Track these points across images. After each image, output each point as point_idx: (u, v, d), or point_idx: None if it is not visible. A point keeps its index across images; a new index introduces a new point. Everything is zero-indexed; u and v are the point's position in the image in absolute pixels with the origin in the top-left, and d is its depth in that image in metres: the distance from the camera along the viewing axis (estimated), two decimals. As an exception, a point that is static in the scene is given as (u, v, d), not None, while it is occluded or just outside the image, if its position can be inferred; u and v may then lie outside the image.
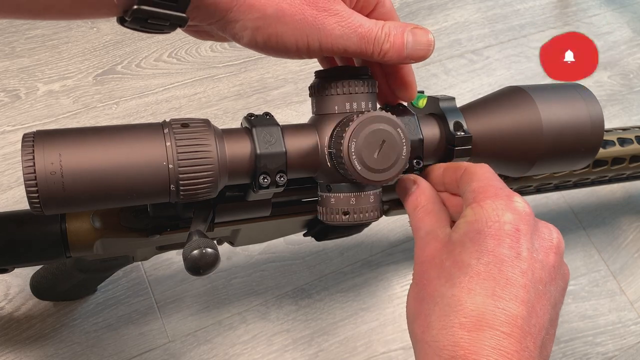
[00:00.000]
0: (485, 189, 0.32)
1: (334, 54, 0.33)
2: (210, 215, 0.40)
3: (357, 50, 0.33)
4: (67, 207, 0.31)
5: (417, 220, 0.35)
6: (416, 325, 0.31)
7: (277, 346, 0.67)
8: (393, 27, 0.33)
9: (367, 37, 0.32)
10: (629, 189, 0.89)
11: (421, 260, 0.32)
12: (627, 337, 0.77)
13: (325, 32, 0.32)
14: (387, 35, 0.33)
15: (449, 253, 0.31)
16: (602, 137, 0.41)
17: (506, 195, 0.32)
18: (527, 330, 0.27)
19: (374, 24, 0.33)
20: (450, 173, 0.36)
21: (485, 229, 0.30)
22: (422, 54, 0.34)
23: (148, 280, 0.67)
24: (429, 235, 0.33)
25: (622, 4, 1.09)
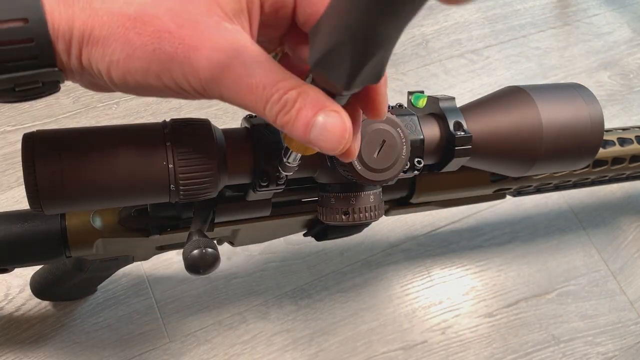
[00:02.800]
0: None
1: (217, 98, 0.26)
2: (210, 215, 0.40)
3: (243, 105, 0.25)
4: (67, 206, 0.31)
5: None
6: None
7: (277, 346, 0.67)
8: (305, 99, 0.24)
9: (256, 94, 0.24)
10: (629, 189, 0.89)
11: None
12: (627, 337, 0.77)
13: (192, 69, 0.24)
14: (289, 105, 0.24)
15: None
16: (602, 137, 0.41)
17: None
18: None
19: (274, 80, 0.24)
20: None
21: None
22: (328, 147, 0.24)
23: (148, 280, 0.67)
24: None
25: (622, 4, 1.09)
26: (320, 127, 0.24)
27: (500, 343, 0.73)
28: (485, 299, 0.75)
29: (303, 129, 0.24)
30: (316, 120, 0.24)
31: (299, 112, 0.24)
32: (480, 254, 0.78)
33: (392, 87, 0.89)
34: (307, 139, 0.24)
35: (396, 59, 0.91)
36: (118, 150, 0.30)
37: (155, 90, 0.26)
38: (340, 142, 0.24)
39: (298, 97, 0.24)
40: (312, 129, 0.24)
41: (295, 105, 0.24)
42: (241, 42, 0.25)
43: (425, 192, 0.46)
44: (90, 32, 0.24)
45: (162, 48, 0.24)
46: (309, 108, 0.24)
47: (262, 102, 0.24)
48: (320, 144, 0.24)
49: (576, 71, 0.98)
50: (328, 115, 0.24)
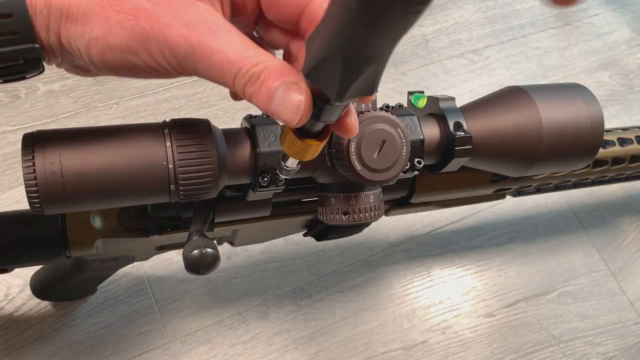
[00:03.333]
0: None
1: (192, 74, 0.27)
2: (210, 215, 0.40)
3: (215, 79, 0.27)
4: (67, 206, 0.31)
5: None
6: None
7: (277, 346, 0.67)
8: (269, 72, 0.25)
9: (226, 68, 0.26)
10: (629, 189, 0.89)
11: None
12: (627, 337, 0.77)
13: (167, 45, 0.25)
14: (254, 77, 0.26)
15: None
16: (602, 137, 0.41)
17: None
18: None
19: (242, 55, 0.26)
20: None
21: None
22: (285, 118, 0.25)
23: (148, 280, 0.67)
24: None
25: (622, 4, 1.09)
26: (279, 98, 0.25)
27: (500, 343, 0.73)
28: (485, 299, 0.75)
29: (266, 99, 0.26)
30: (277, 91, 0.25)
31: (263, 83, 0.26)
32: (480, 254, 0.78)
33: (392, 87, 0.89)
34: (270, 110, 0.26)
35: (396, 59, 0.91)
36: (118, 150, 0.30)
37: (134, 69, 0.27)
38: (296, 113, 0.25)
39: (263, 70, 0.26)
40: (273, 99, 0.25)
41: (259, 78, 0.26)
42: (213, 20, 0.26)
43: (425, 192, 0.46)
44: (68, 9, 0.25)
45: (139, 25, 0.25)
46: (272, 80, 0.25)
47: (232, 75, 0.26)
48: (279, 114, 0.26)
49: (576, 71, 0.98)
50: (287, 86, 0.25)
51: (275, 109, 0.25)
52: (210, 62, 0.26)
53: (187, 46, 0.25)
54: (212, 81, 0.27)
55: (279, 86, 0.25)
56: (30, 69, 0.27)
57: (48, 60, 0.27)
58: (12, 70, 0.26)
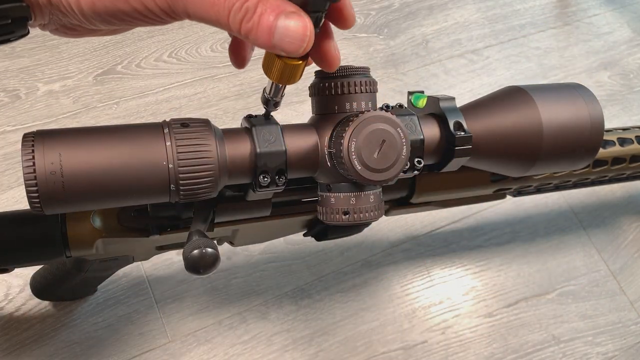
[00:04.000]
0: None
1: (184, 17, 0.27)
2: (210, 215, 0.40)
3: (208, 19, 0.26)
4: (67, 206, 0.31)
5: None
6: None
7: (277, 346, 0.67)
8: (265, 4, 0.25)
9: (218, 5, 0.25)
10: (629, 189, 0.89)
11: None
12: (627, 337, 0.77)
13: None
14: (251, 12, 0.25)
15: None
16: (602, 137, 0.41)
17: None
18: None
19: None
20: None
21: None
22: (291, 48, 0.25)
23: (148, 280, 0.67)
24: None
25: (622, 4, 1.09)
26: (282, 29, 0.25)
27: (500, 343, 0.73)
28: (485, 299, 0.75)
29: (266, 33, 0.25)
30: (278, 24, 0.25)
31: (261, 17, 0.25)
32: (480, 254, 0.78)
33: (392, 87, 0.89)
34: (271, 44, 0.25)
35: (396, 59, 0.91)
36: (118, 150, 0.30)
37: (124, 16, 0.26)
38: (303, 41, 0.25)
39: (258, 3, 0.25)
40: (275, 32, 0.25)
41: (256, 11, 0.25)
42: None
43: (425, 192, 0.46)
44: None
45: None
46: (270, 12, 0.25)
47: (225, 12, 0.25)
48: (284, 46, 0.25)
49: (576, 71, 0.98)
50: (289, 17, 0.25)
51: (278, 42, 0.25)
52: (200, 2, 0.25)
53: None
54: (206, 23, 0.26)
55: (279, 17, 0.24)
56: (16, 29, 0.26)
57: (34, 19, 0.27)
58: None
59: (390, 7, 0.97)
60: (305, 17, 0.25)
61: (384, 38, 0.93)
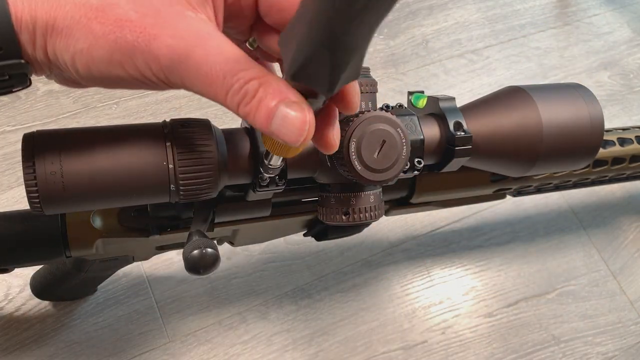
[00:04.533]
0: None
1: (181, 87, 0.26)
2: (210, 215, 0.40)
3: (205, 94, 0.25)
4: (67, 207, 0.31)
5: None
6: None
7: (277, 346, 0.67)
8: (266, 90, 0.24)
9: (216, 84, 0.24)
10: (629, 189, 0.89)
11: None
12: (627, 337, 0.77)
13: (153, 57, 0.24)
14: (250, 95, 0.24)
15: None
16: (602, 137, 0.41)
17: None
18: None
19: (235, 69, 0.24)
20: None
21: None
22: (289, 138, 0.24)
23: (148, 280, 0.67)
24: None
25: (622, 4, 1.09)
26: (281, 119, 0.24)
27: (500, 343, 0.73)
28: (485, 299, 0.75)
29: (264, 119, 0.24)
30: (277, 112, 0.24)
31: (260, 102, 0.24)
32: (480, 254, 0.78)
33: (392, 87, 0.89)
34: (269, 130, 0.24)
35: (396, 59, 0.91)
36: (118, 150, 0.30)
37: (121, 81, 0.26)
38: (300, 134, 0.24)
39: (259, 87, 0.24)
40: (273, 120, 0.24)
41: (256, 96, 0.24)
42: (204, 30, 0.25)
43: (425, 192, 0.46)
44: (54, 23, 0.24)
45: (124, 37, 0.24)
46: (270, 99, 0.24)
47: (223, 91, 0.24)
48: (281, 136, 0.24)
49: (576, 71, 0.98)
50: (289, 106, 0.24)
51: (275, 130, 0.24)
52: (198, 75, 0.24)
53: (173, 58, 0.24)
54: (203, 95, 0.25)
55: (278, 105, 0.24)
56: (16, 84, 0.26)
57: (36, 73, 0.27)
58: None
59: (390, 7, 0.97)
60: (306, 109, 0.24)
61: (384, 38, 0.93)
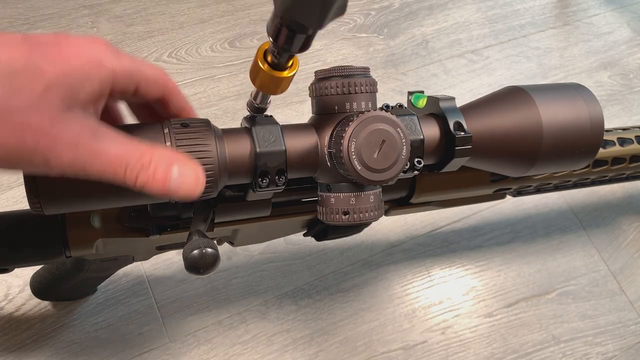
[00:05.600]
0: None
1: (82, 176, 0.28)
2: (210, 215, 0.40)
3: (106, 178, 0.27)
4: (67, 206, 0.31)
5: None
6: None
7: (277, 346, 0.67)
8: (158, 158, 0.28)
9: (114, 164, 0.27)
10: (629, 189, 0.89)
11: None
12: (627, 337, 0.77)
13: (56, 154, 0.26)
14: (145, 166, 0.28)
15: None
16: (602, 137, 0.41)
17: None
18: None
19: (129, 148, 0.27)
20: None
21: None
22: (187, 191, 0.28)
23: (148, 280, 0.67)
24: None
25: (622, 4, 1.09)
26: (176, 177, 0.28)
27: (500, 343, 0.73)
28: (485, 299, 0.75)
29: (161, 183, 0.28)
30: (171, 174, 0.28)
31: (156, 169, 0.28)
32: (480, 254, 0.78)
33: (392, 87, 0.89)
34: (167, 192, 0.28)
35: (396, 59, 0.91)
36: (118, 150, 0.30)
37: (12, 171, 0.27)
38: (197, 186, 0.29)
39: (152, 157, 0.28)
40: (169, 181, 0.28)
41: (151, 165, 0.28)
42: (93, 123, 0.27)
43: (425, 192, 0.46)
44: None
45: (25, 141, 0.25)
46: (164, 164, 0.28)
47: (122, 169, 0.27)
48: (179, 193, 0.28)
49: (576, 71, 0.98)
50: (181, 166, 0.28)
51: (173, 188, 0.28)
52: (99, 163, 0.27)
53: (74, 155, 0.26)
54: (104, 180, 0.28)
55: (173, 168, 0.28)
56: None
57: None
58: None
59: (390, 7, 0.97)
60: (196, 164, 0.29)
61: (384, 38, 0.93)
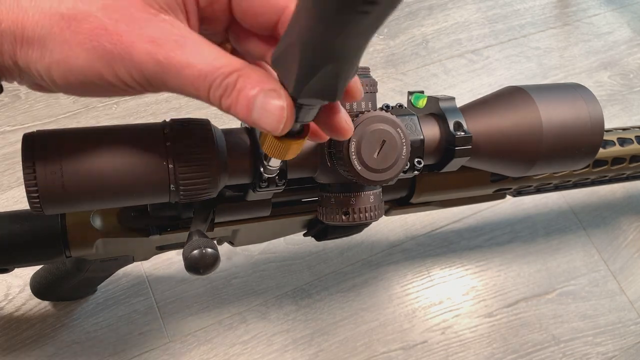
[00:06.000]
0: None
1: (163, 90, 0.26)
2: (210, 215, 0.40)
3: (187, 93, 0.25)
4: (67, 206, 0.31)
5: None
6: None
7: (277, 346, 0.67)
8: (244, 82, 0.24)
9: (197, 82, 0.25)
10: (629, 189, 0.89)
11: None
12: (627, 337, 0.77)
13: (134, 64, 0.24)
14: (230, 88, 0.24)
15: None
16: (602, 137, 0.41)
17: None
18: None
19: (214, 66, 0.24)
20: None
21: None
22: (269, 126, 0.24)
23: (148, 280, 0.67)
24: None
25: (622, 4, 1.09)
26: (260, 107, 0.24)
27: (500, 343, 0.73)
28: (485, 299, 0.75)
29: (245, 109, 0.25)
30: (256, 101, 0.24)
31: (240, 93, 0.24)
32: (480, 254, 0.78)
33: (392, 87, 0.89)
34: (251, 119, 0.25)
35: (396, 59, 0.91)
36: (118, 150, 0.30)
37: (99, 89, 0.26)
38: (280, 121, 0.24)
39: (238, 79, 0.24)
40: (253, 109, 0.24)
41: (235, 87, 0.24)
42: (179, 32, 0.25)
43: (425, 192, 0.46)
44: (22, 32, 0.24)
45: (101, 45, 0.24)
46: (250, 88, 0.24)
47: (205, 88, 0.25)
48: (262, 123, 0.25)
49: (576, 71, 0.98)
50: (267, 94, 0.24)
51: (256, 119, 0.24)
52: (180, 77, 0.24)
53: (154, 64, 0.24)
54: (186, 96, 0.26)
55: (258, 94, 0.24)
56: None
57: (5, 79, 0.27)
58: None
59: (390, 7, 0.97)
60: (282, 96, 0.24)
61: (384, 38, 0.93)
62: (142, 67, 0.24)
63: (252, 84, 0.24)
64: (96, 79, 0.25)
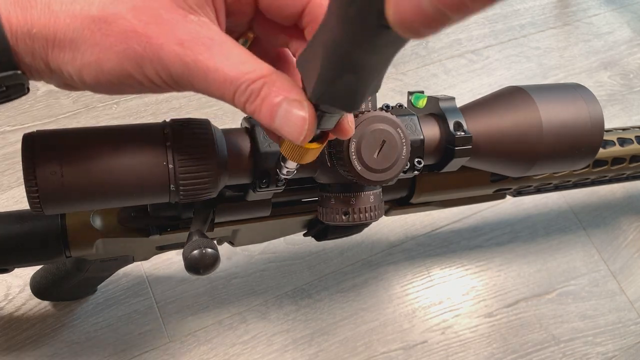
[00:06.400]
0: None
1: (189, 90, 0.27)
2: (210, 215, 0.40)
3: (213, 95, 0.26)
4: (67, 207, 0.31)
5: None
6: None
7: (277, 346, 0.67)
8: (269, 89, 0.25)
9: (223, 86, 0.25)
10: (629, 189, 0.89)
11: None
12: (627, 337, 0.77)
13: (162, 66, 0.25)
14: (255, 94, 0.25)
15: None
16: (602, 137, 0.41)
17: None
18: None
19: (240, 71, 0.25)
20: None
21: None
22: (290, 135, 0.25)
23: (148, 280, 0.67)
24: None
25: (622, 4, 1.09)
26: (282, 116, 0.25)
27: (500, 343, 0.73)
28: (485, 299, 0.75)
29: (268, 116, 0.25)
30: (279, 109, 0.25)
31: (264, 100, 0.25)
32: (480, 254, 0.78)
33: (392, 87, 0.89)
34: (273, 127, 0.25)
35: (396, 59, 0.91)
36: (118, 150, 0.30)
37: (127, 88, 0.26)
38: (301, 132, 0.25)
39: (263, 86, 0.25)
40: (276, 116, 0.25)
41: (260, 94, 0.25)
42: (207, 35, 0.25)
43: (425, 192, 0.46)
44: (54, 36, 0.24)
45: (132, 48, 0.24)
46: (274, 96, 0.25)
47: (230, 93, 0.25)
48: (283, 132, 0.25)
49: (576, 71, 0.98)
50: (290, 104, 0.25)
51: (278, 127, 0.25)
52: (207, 80, 0.25)
53: (182, 66, 0.25)
54: (211, 97, 0.26)
55: (281, 103, 0.25)
56: (14, 93, 0.26)
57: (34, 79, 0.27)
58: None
59: (390, 7, 0.97)
60: (305, 107, 0.25)
61: (384, 38, 0.93)
62: (170, 69, 0.25)
63: (277, 92, 0.25)
64: (125, 79, 0.26)
